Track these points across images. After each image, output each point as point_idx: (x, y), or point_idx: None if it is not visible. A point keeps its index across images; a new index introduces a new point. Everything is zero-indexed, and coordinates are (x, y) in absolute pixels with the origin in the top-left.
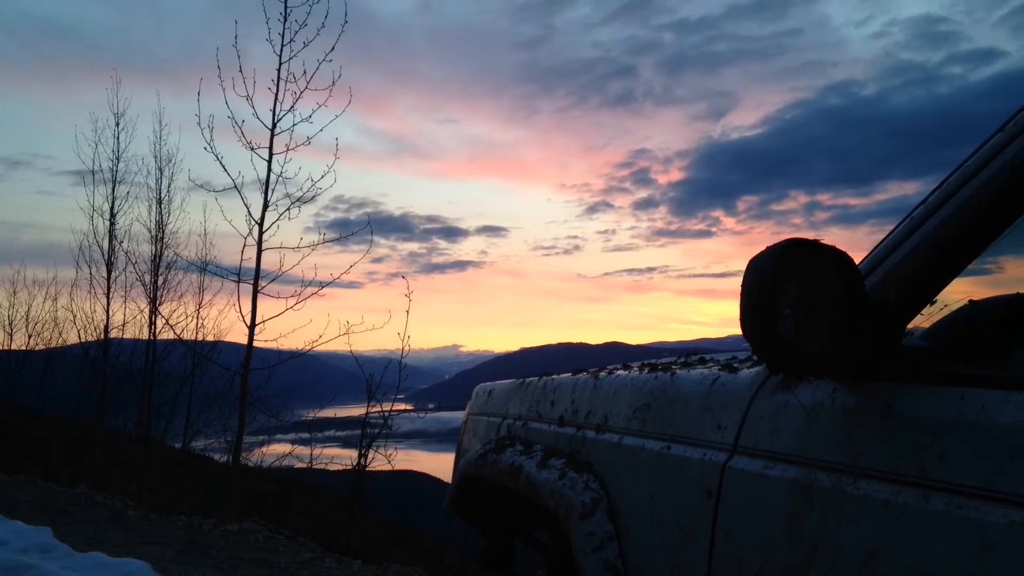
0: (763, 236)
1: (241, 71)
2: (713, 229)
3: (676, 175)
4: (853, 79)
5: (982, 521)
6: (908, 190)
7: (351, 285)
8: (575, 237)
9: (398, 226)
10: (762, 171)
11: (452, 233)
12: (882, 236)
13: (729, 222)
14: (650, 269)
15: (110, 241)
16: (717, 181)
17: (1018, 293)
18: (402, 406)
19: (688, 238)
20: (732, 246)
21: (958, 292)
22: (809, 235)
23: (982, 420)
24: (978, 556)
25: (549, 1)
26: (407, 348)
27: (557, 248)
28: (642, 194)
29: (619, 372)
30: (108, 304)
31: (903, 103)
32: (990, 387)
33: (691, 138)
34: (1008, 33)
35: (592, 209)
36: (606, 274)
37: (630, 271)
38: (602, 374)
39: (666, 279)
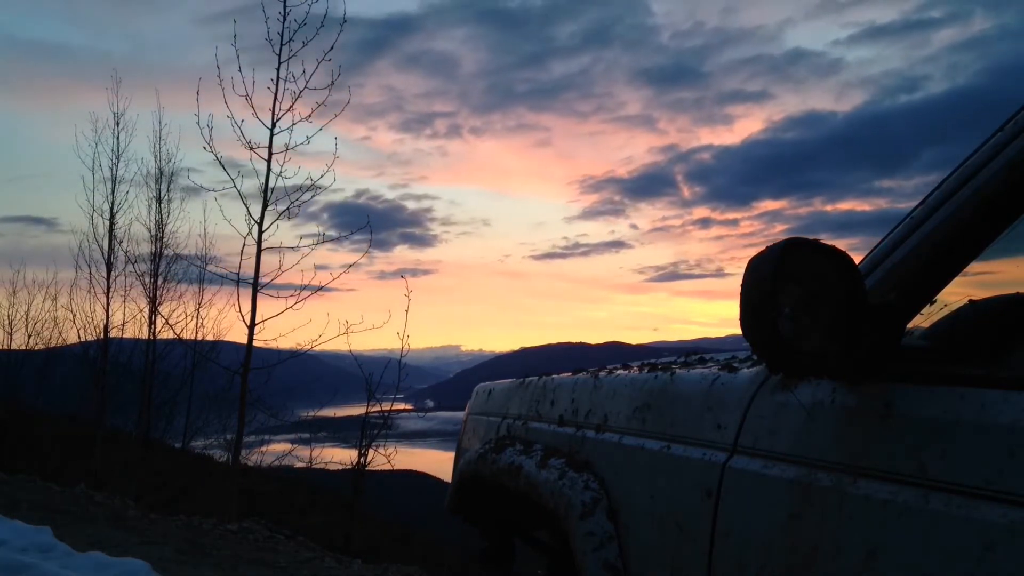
0: (670, 244)
1: (240, 71)
2: (624, 240)
3: (562, 196)
4: (648, 115)
5: (982, 521)
6: (781, 205)
7: (327, 289)
8: (503, 248)
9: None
10: (639, 191)
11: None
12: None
13: (635, 234)
14: (594, 280)
15: (110, 241)
16: (606, 201)
17: (1018, 293)
18: (402, 406)
19: (605, 249)
20: (647, 254)
21: (958, 292)
22: (712, 244)
23: (982, 420)
24: (978, 556)
25: (358, 52)
26: (407, 348)
27: (488, 257)
28: (539, 215)
29: (619, 372)
30: (108, 304)
31: (718, 137)
32: (990, 387)
33: (544, 162)
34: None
35: (488, 223)
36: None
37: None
38: (602, 374)
39: (615, 281)
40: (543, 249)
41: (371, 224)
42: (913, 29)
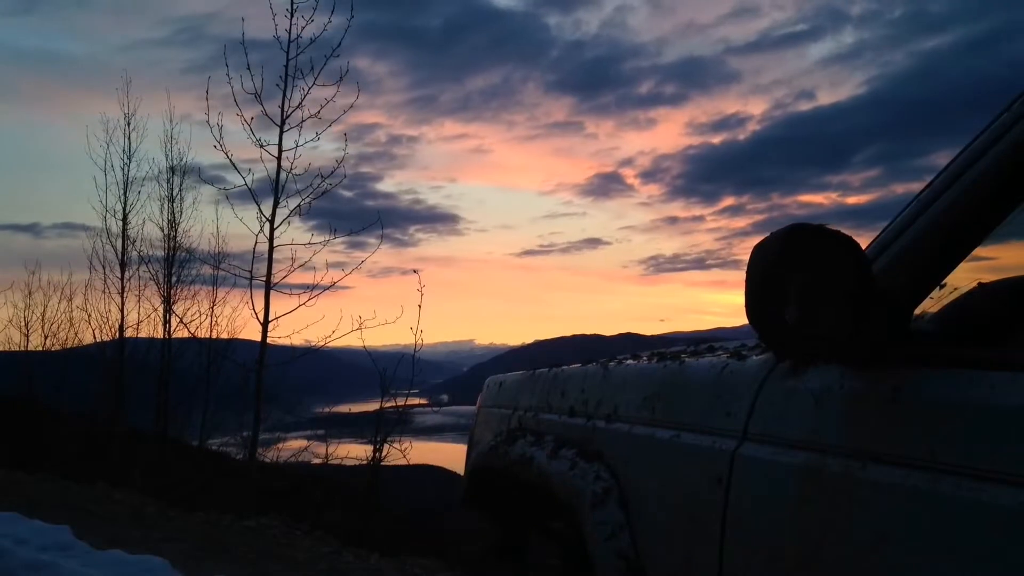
0: (644, 240)
1: (249, 69)
2: (600, 237)
3: (519, 198)
4: (576, 121)
5: (992, 504)
6: (743, 201)
7: (338, 287)
8: (483, 246)
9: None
10: (595, 192)
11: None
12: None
13: (607, 232)
14: (584, 273)
15: (123, 241)
16: (566, 203)
17: None
18: (416, 400)
19: (583, 245)
20: (625, 249)
21: (967, 276)
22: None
23: (991, 403)
24: (989, 539)
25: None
26: (420, 342)
27: (473, 255)
28: (506, 217)
29: (629, 362)
30: (123, 303)
31: (652, 139)
32: (999, 369)
33: (490, 168)
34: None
35: (457, 222)
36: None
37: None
38: (612, 364)
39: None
40: (522, 247)
41: (355, 223)
42: (787, 43)
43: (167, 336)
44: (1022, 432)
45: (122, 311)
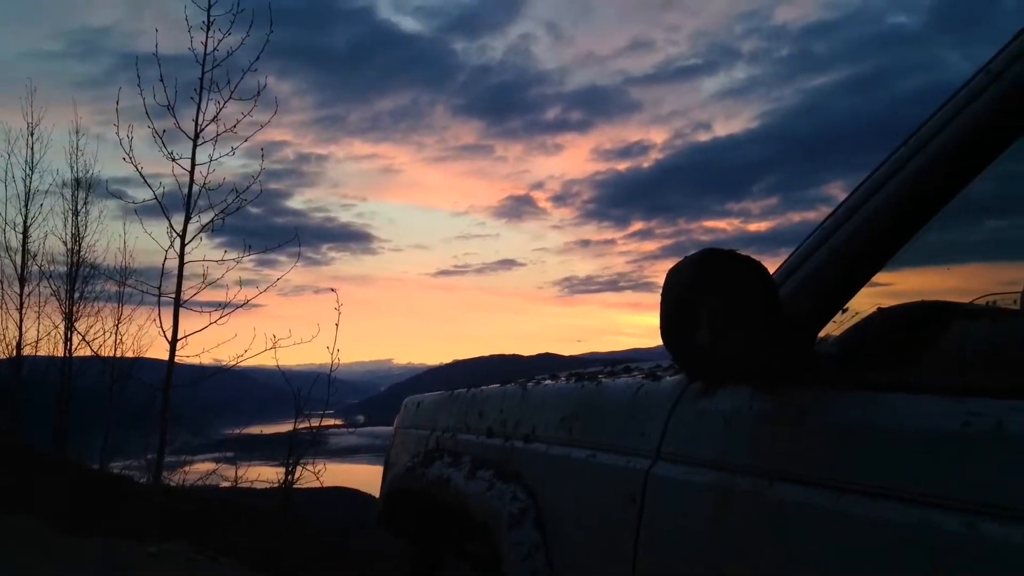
0: (559, 262)
1: (162, 80)
2: (514, 259)
3: (431, 219)
4: (486, 144)
5: (892, 521)
6: (652, 226)
7: (251, 305)
8: (398, 266)
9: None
10: (506, 214)
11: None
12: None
13: (521, 254)
14: (500, 294)
15: (23, 255)
16: (478, 224)
17: (923, 301)
18: (332, 421)
19: (498, 267)
20: (540, 271)
21: (867, 301)
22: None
23: (891, 424)
24: (889, 555)
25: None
26: (337, 362)
27: (387, 273)
28: (419, 236)
29: (547, 382)
30: (21, 320)
31: (560, 164)
32: (898, 391)
33: (401, 188)
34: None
35: (371, 241)
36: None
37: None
38: (530, 384)
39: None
40: (437, 267)
41: (265, 240)
42: (682, 76)
43: (68, 354)
44: (921, 452)
45: (20, 328)
